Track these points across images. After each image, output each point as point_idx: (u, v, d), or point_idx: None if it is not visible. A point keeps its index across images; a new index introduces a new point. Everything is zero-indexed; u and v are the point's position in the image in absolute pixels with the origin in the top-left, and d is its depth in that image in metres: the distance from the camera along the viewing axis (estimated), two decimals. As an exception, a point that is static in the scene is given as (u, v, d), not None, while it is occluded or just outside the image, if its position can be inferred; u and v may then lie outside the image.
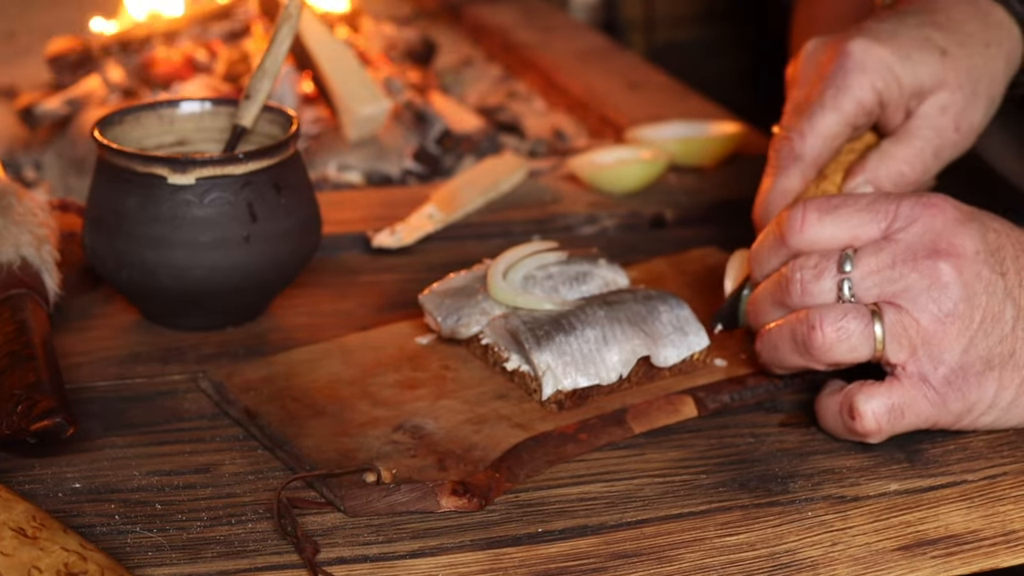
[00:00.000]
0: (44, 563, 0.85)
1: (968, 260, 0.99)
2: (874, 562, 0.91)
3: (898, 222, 1.00)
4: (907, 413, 0.99)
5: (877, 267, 0.99)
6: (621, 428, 1.03)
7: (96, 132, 1.16)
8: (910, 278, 0.99)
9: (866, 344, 0.99)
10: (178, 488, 0.98)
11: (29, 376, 1.01)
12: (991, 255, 1.00)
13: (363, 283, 1.28)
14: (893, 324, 0.98)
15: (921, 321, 0.98)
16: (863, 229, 1.01)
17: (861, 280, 0.99)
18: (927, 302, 0.98)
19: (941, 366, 0.98)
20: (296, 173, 1.17)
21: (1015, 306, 1.00)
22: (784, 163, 1.12)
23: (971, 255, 0.99)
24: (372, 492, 0.95)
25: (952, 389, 0.99)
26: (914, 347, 0.98)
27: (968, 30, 1.15)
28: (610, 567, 0.91)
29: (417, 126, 1.61)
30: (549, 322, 1.06)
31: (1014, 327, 0.99)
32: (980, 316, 0.99)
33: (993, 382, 0.99)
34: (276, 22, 1.19)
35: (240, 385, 1.07)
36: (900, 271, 0.99)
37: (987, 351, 0.99)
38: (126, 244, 1.13)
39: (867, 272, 0.99)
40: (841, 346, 0.99)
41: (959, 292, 0.98)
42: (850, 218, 1.01)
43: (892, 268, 0.99)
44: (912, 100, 1.13)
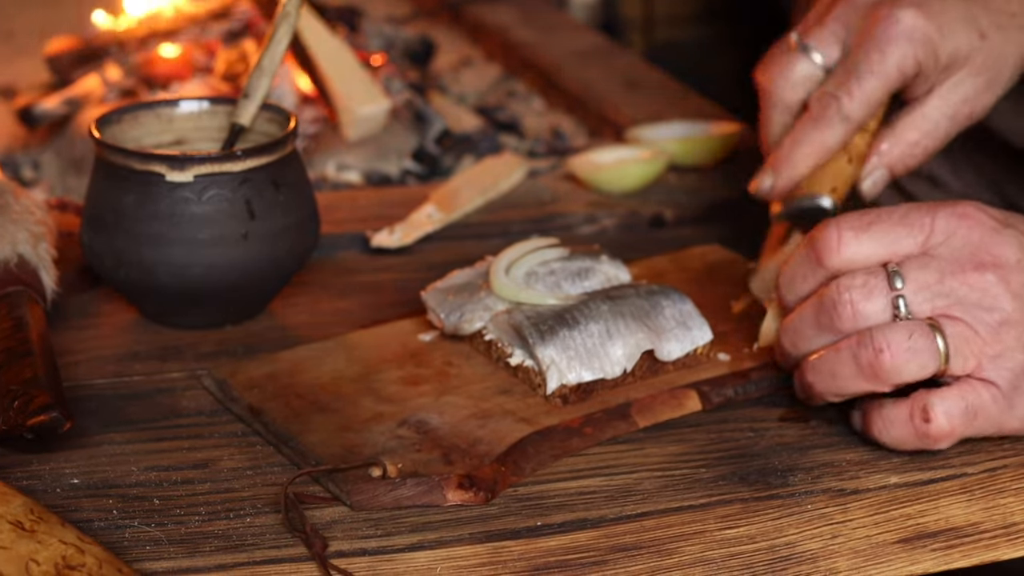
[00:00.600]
0: (42, 556, 0.84)
1: (1012, 269, 0.98)
2: (874, 555, 0.91)
3: (935, 236, 0.99)
4: (980, 415, 0.98)
5: (927, 282, 0.98)
6: (626, 422, 1.03)
7: (94, 131, 1.16)
8: (960, 291, 0.97)
9: (933, 360, 0.97)
10: (176, 483, 0.98)
11: (26, 372, 1.01)
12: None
13: (362, 283, 1.27)
14: (955, 336, 0.97)
15: (979, 331, 0.97)
16: (900, 244, 0.99)
17: (914, 296, 0.98)
18: (981, 313, 0.97)
19: (1005, 371, 0.97)
20: (295, 171, 1.17)
21: None
22: (831, 120, 1.11)
23: (1014, 263, 0.98)
24: (378, 486, 0.95)
25: (1018, 393, 0.98)
26: (977, 357, 0.97)
27: (1011, 10, 1.14)
28: (610, 560, 0.90)
29: (416, 126, 1.61)
30: (553, 317, 1.06)
31: None
32: None
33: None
34: (274, 21, 1.19)
35: (244, 382, 1.07)
36: (950, 285, 0.98)
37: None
38: (124, 242, 1.13)
39: (918, 287, 0.98)
40: (911, 365, 0.97)
41: (1009, 301, 0.97)
42: (886, 234, 0.99)
43: (941, 283, 0.98)
44: (942, 74, 1.13)
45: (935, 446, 0.99)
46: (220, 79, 1.66)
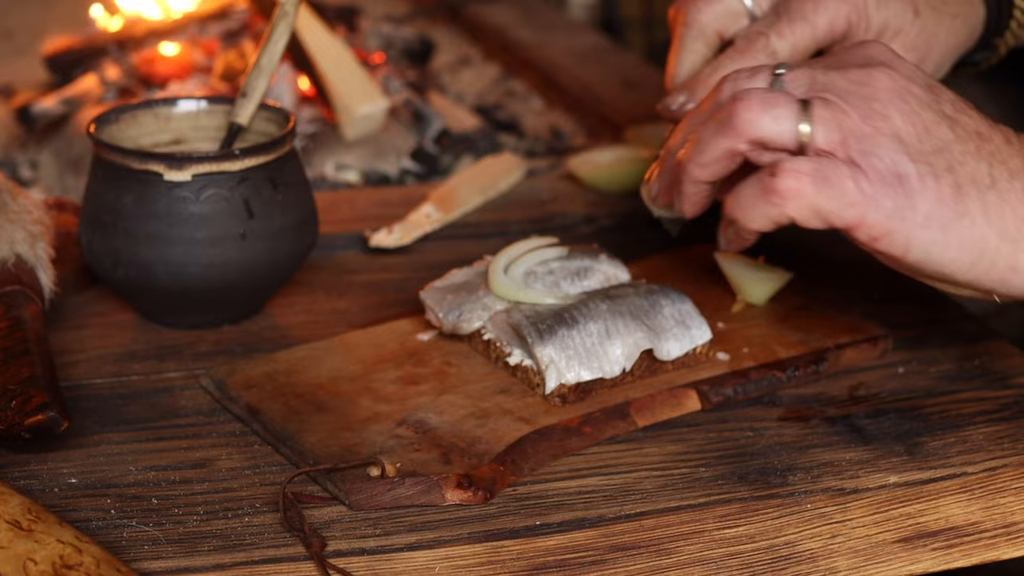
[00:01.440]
0: (40, 555, 0.84)
1: (902, 74, 0.94)
2: (874, 554, 0.91)
3: (832, 56, 0.98)
4: (833, 184, 0.91)
5: (811, 72, 0.95)
6: (625, 421, 1.03)
7: (92, 130, 1.16)
8: (841, 82, 0.94)
9: (790, 119, 0.92)
10: (174, 483, 0.97)
11: (23, 371, 1.00)
12: (928, 84, 0.95)
13: (360, 282, 1.27)
14: (821, 110, 0.92)
15: (851, 114, 0.92)
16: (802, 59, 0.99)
17: (791, 81, 0.95)
18: (857, 101, 0.93)
19: (872, 157, 0.92)
20: (293, 170, 1.17)
21: (951, 130, 0.94)
22: (755, 54, 1.10)
23: (906, 73, 0.95)
24: (377, 486, 0.95)
25: (884, 184, 0.92)
26: (844, 136, 0.92)
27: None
28: (609, 559, 0.90)
29: (415, 125, 1.61)
30: (551, 316, 1.06)
31: (950, 146, 0.93)
32: (912, 123, 0.93)
33: (930, 190, 0.92)
34: (272, 20, 1.18)
35: (242, 382, 1.07)
36: (832, 76, 0.94)
37: (921, 156, 0.92)
38: (122, 241, 1.13)
39: (798, 76, 0.95)
40: (765, 116, 0.93)
41: (889, 96, 0.93)
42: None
43: (825, 73, 0.95)
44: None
45: (785, 209, 0.92)
46: (218, 78, 1.65)
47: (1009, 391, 1.09)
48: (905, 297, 1.21)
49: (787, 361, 1.09)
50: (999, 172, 0.93)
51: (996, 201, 0.92)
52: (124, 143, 1.18)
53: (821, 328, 1.14)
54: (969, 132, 0.94)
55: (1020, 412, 1.06)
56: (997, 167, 0.93)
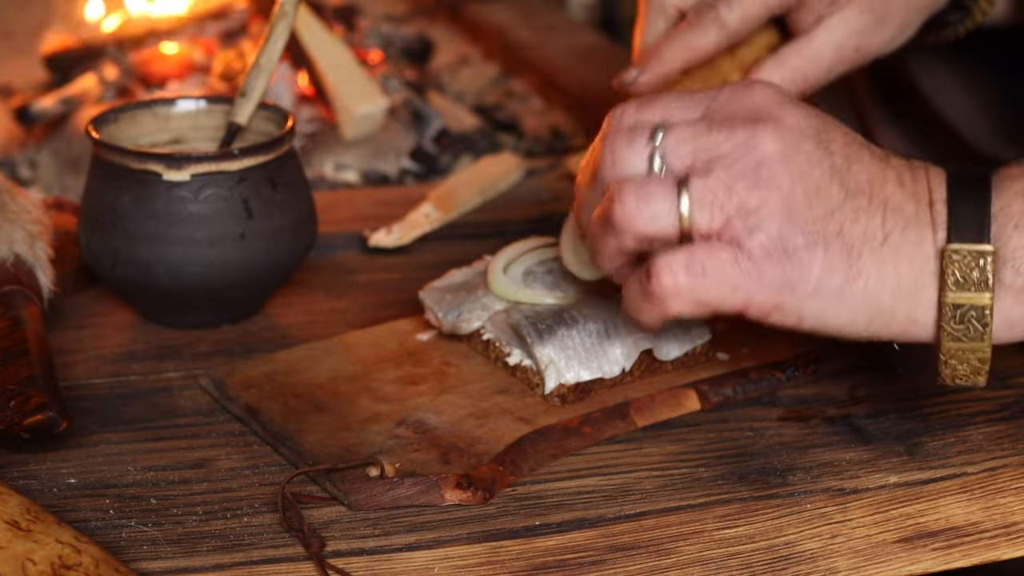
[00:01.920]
0: (38, 555, 0.84)
1: (789, 129, 0.89)
2: (874, 554, 0.91)
3: (717, 104, 0.92)
4: (710, 272, 0.88)
5: (692, 135, 0.89)
6: (624, 421, 1.03)
7: (91, 130, 1.16)
8: (725, 145, 0.89)
9: (669, 210, 0.88)
10: (173, 483, 0.97)
11: (22, 371, 1.00)
12: (817, 133, 0.90)
13: (359, 282, 1.27)
14: (700, 189, 0.88)
15: (735, 186, 0.88)
16: (683, 111, 0.92)
17: (673, 150, 0.89)
18: (743, 168, 0.88)
19: (758, 232, 0.87)
20: (292, 170, 1.17)
21: (842, 187, 0.89)
22: (706, 25, 1.09)
23: (793, 126, 0.89)
24: (376, 486, 0.95)
25: (770, 260, 0.88)
26: (727, 214, 0.88)
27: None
28: (608, 560, 0.90)
29: (414, 125, 1.61)
30: (551, 316, 1.06)
31: (841, 206, 0.89)
32: (802, 187, 0.88)
33: (817, 260, 0.88)
34: (271, 20, 1.18)
35: (241, 382, 1.07)
36: (715, 139, 0.89)
37: (810, 224, 0.88)
38: (121, 241, 1.13)
39: (679, 141, 0.89)
40: (643, 213, 0.88)
41: (777, 158, 0.88)
42: (669, 105, 0.92)
43: (708, 135, 0.89)
44: (828, 7, 1.11)
45: (667, 307, 0.89)
46: (217, 78, 1.65)
47: (1009, 391, 1.08)
48: (905, 297, 1.21)
49: (787, 361, 1.09)
50: (892, 223, 0.89)
51: (890, 257, 0.89)
52: (123, 143, 1.18)
53: (821, 328, 1.13)
54: (860, 184, 0.90)
55: (1020, 412, 1.06)
56: (890, 218, 0.90)
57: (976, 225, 0.89)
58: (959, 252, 0.88)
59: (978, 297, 0.89)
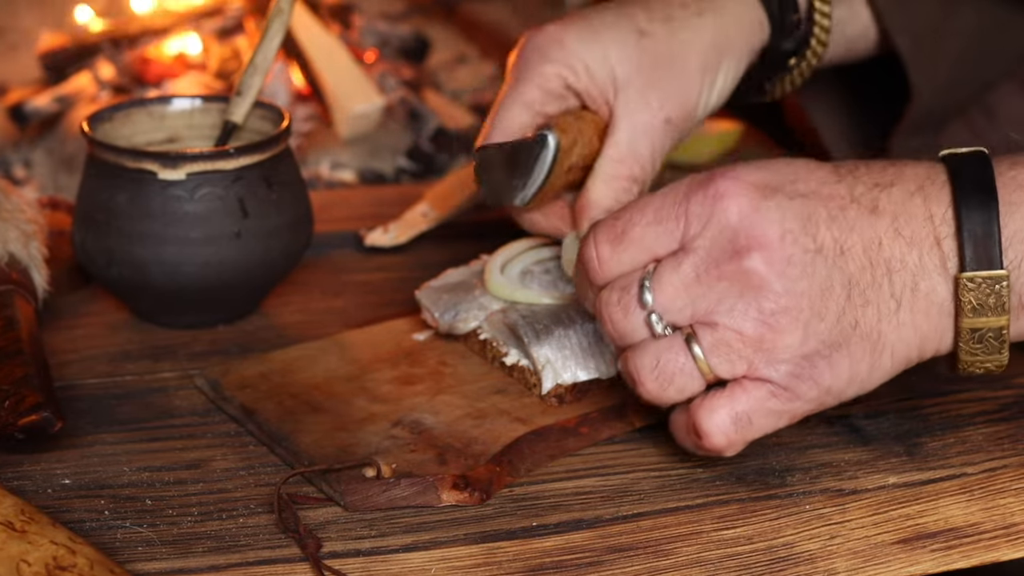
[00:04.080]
0: (33, 556, 0.84)
1: (775, 248, 0.88)
2: (873, 555, 0.91)
3: (691, 227, 0.90)
4: (755, 418, 0.90)
5: (682, 286, 0.89)
6: (622, 422, 1.03)
7: (86, 128, 1.15)
8: (719, 288, 0.89)
9: (693, 378, 0.90)
10: (169, 484, 0.97)
11: (16, 371, 1.00)
12: (801, 231, 0.89)
13: (355, 282, 1.27)
14: (713, 345, 0.89)
15: (744, 331, 0.88)
16: (658, 245, 0.91)
17: (667, 307, 0.90)
18: (745, 308, 0.88)
19: (782, 364, 0.89)
20: (288, 169, 1.17)
21: (842, 274, 0.89)
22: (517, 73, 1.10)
23: (776, 241, 0.88)
24: (372, 487, 0.94)
25: (801, 381, 0.90)
26: (747, 359, 0.89)
27: (681, 1, 1.10)
28: (606, 561, 0.90)
29: (411, 124, 1.61)
30: (548, 316, 1.06)
31: (849, 297, 0.89)
32: (807, 303, 0.88)
33: (844, 360, 0.90)
34: (267, 18, 1.18)
35: (236, 382, 1.07)
36: (707, 284, 0.89)
37: (827, 333, 0.89)
38: (116, 241, 1.12)
39: (671, 296, 0.90)
40: (669, 391, 0.91)
41: (776, 287, 0.88)
42: (643, 238, 0.91)
43: (697, 283, 0.89)
44: (609, 90, 1.09)
45: (726, 454, 0.92)
46: (213, 76, 1.65)
47: (1009, 391, 1.08)
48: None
49: (785, 361, 1.09)
50: (900, 285, 0.90)
51: (908, 318, 0.90)
52: (118, 142, 1.17)
53: (819, 328, 1.13)
54: (858, 259, 0.90)
55: (1020, 412, 1.06)
56: (897, 280, 0.90)
57: (987, 255, 0.89)
58: (974, 280, 0.89)
59: (995, 320, 0.90)
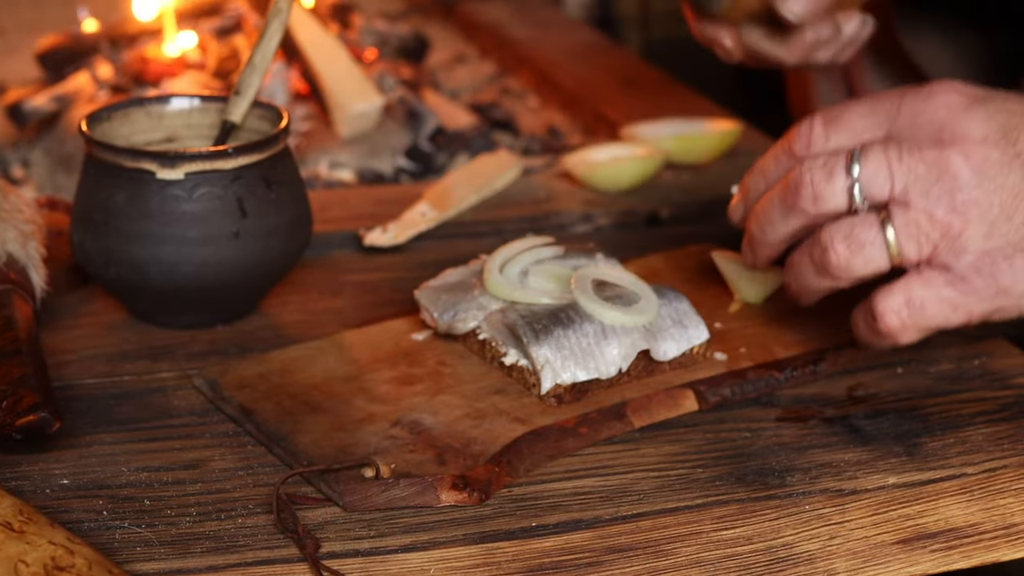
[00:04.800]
0: (31, 557, 0.83)
1: (975, 145, 0.95)
2: (873, 556, 0.90)
3: (901, 120, 0.98)
4: (929, 304, 0.96)
5: (885, 164, 0.96)
6: (621, 422, 1.02)
7: (84, 128, 1.15)
8: (918, 170, 0.95)
9: (881, 252, 0.96)
10: (167, 484, 0.97)
11: (14, 371, 1.00)
12: (1002, 137, 0.95)
13: (354, 281, 1.26)
14: (905, 224, 0.95)
15: (936, 214, 0.95)
16: (869, 132, 0.99)
17: (870, 181, 0.96)
18: (940, 193, 0.94)
19: (965, 254, 0.95)
20: (286, 169, 1.16)
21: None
22: None
23: (978, 140, 0.95)
24: (371, 487, 0.94)
25: (981, 275, 0.95)
26: (933, 242, 0.95)
27: None
28: (605, 561, 0.89)
29: (410, 123, 1.60)
30: (547, 316, 1.05)
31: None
32: (998, 200, 0.94)
33: (1022, 261, 0.95)
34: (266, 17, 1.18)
35: (235, 382, 1.06)
36: (908, 164, 0.95)
37: (1013, 234, 0.95)
38: (114, 240, 1.12)
39: (874, 170, 0.96)
40: (856, 260, 0.97)
41: (970, 179, 0.94)
42: (855, 124, 0.99)
43: (900, 163, 0.95)
44: None
45: (900, 342, 0.98)
46: (211, 76, 1.65)
47: (1009, 391, 1.08)
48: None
49: (785, 361, 1.09)
50: None
51: None
52: (116, 141, 1.17)
53: (819, 328, 1.13)
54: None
55: (1020, 412, 1.05)
56: None
57: None
58: None
59: None
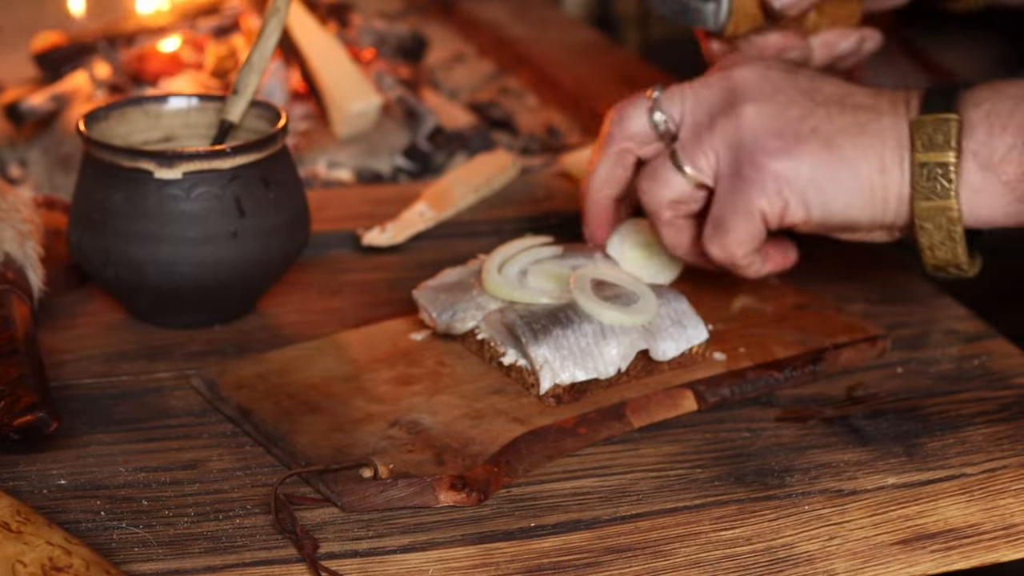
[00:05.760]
0: (28, 557, 0.83)
1: (757, 66, 1.06)
2: (872, 556, 0.90)
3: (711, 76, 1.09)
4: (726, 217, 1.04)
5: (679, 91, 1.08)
6: (620, 422, 1.02)
7: (82, 127, 1.15)
8: (704, 93, 1.06)
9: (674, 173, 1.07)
10: (165, 484, 0.96)
11: (12, 371, 0.99)
12: (785, 69, 1.06)
13: (353, 281, 1.26)
14: (689, 140, 1.06)
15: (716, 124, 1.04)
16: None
17: (666, 103, 1.08)
18: (722, 106, 1.05)
19: (740, 150, 1.03)
20: (284, 168, 1.16)
21: (812, 100, 1.04)
22: None
23: (761, 66, 1.06)
24: (369, 487, 0.94)
25: (757, 167, 1.02)
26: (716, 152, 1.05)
27: None
28: (603, 562, 0.89)
29: (408, 123, 1.60)
30: (546, 316, 1.05)
31: (814, 111, 1.03)
32: (772, 103, 1.03)
33: (801, 155, 1.02)
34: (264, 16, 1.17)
35: (233, 382, 1.06)
36: (698, 90, 1.07)
37: (786, 126, 1.02)
38: (112, 240, 1.12)
39: (670, 95, 1.08)
40: (659, 188, 1.07)
41: (749, 83, 1.04)
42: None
43: (692, 89, 1.07)
44: None
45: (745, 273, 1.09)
46: (209, 75, 1.64)
47: (1009, 391, 1.08)
48: (904, 297, 1.21)
49: (784, 361, 1.08)
50: (866, 117, 1.02)
51: (871, 141, 1.01)
52: (114, 141, 1.17)
53: (819, 328, 1.13)
54: (830, 96, 1.04)
55: (1020, 412, 1.05)
56: (863, 114, 1.02)
57: (943, 101, 1.01)
58: (925, 121, 1.00)
59: (942, 156, 0.99)
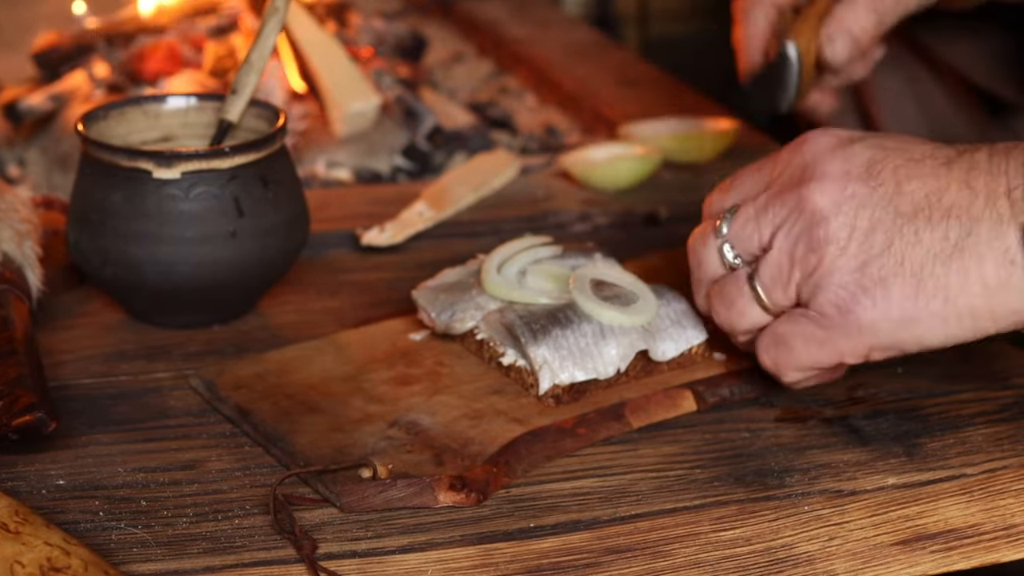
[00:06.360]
0: (27, 558, 0.83)
1: (834, 180, 0.94)
2: (872, 557, 0.90)
3: (777, 170, 0.98)
4: (793, 341, 0.96)
5: (753, 215, 0.97)
6: (620, 422, 1.02)
7: (80, 127, 1.14)
8: (780, 214, 0.96)
9: (750, 303, 0.98)
10: (164, 484, 0.96)
11: (10, 372, 0.99)
12: (865, 171, 0.94)
13: (352, 281, 1.26)
14: (767, 269, 0.97)
15: (795, 253, 0.95)
16: (753, 190, 1.00)
17: (738, 237, 0.99)
18: (799, 232, 0.94)
19: (820, 292, 0.94)
20: (283, 168, 1.16)
21: (897, 214, 0.93)
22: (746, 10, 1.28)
23: (839, 175, 0.94)
24: (368, 488, 0.94)
25: (840, 311, 0.94)
26: (795, 282, 0.96)
27: None
28: (603, 562, 0.89)
29: (407, 122, 1.60)
30: (545, 316, 1.05)
31: (900, 233, 0.92)
32: (856, 233, 0.93)
33: (887, 295, 0.93)
34: (263, 16, 1.17)
35: (231, 382, 1.06)
36: (771, 212, 0.96)
37: (868, 266, 0.93)
38: (111, 240, 1.12)
39: (740, 226, 0.98)
40: (734, 316, 0.99)
41: (828, 211, 0.93)
42: (742, 184, 1.01)
43: (764, 212, 0.97)
44: None
45: (783, 380, 1.00)
46: (208, 75, 1.64)
47: (1009, 391, 1.08)
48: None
49: (784, 361, 1.08)
50: (959, 230, 0.91)
51: (968, 260, 0.91)
52: (113, 140, 1.17)
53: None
54: (917, 202, 0.93)
55: (1020, 413, 1.05)
56: (954, 225, 0.92)
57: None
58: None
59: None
